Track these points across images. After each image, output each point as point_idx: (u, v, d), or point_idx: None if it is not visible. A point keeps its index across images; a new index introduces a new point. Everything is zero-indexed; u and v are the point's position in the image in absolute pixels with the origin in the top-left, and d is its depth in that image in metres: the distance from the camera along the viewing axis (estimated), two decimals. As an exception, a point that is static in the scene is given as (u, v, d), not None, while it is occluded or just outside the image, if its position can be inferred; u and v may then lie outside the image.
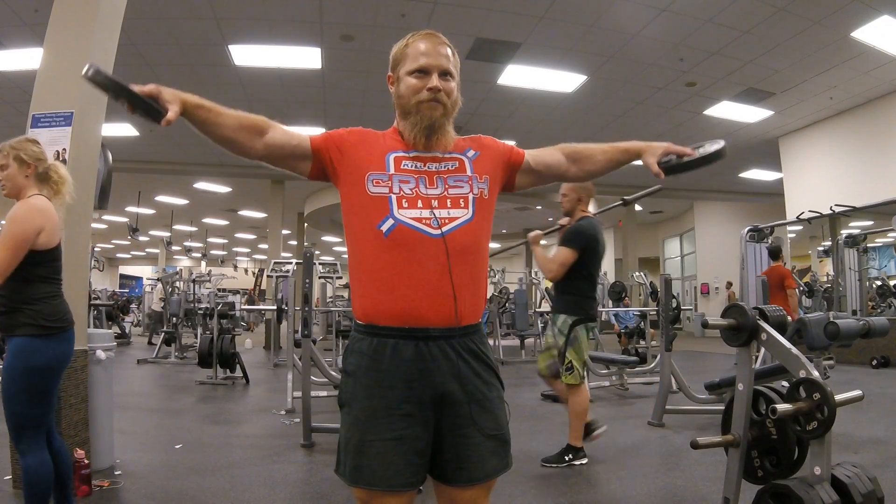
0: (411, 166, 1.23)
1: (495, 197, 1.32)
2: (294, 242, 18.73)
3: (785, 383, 2.06)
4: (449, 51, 1.26)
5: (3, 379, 1.99)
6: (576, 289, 3.26)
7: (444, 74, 1.24)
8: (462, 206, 1.22)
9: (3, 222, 2.18)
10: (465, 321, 1.20)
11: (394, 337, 1.17)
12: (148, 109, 1.10)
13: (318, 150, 1.27)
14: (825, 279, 10.66)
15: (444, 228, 1.18)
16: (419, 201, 1.19)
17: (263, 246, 21.90)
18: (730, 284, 14.18)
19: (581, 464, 3.18)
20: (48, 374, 2.05)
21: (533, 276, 12.53)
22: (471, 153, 1.30)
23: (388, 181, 1.20)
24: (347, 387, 1.22)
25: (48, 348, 2.05)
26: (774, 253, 6.63)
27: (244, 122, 1.24)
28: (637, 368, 6.19)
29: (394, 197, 1.19)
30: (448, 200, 1.21)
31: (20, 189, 2.18)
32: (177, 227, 19.30)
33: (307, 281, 3.89)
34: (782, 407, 1.67)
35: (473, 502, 1.21)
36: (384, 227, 1.17)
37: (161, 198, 15.45)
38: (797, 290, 6.37)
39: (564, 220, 3.45)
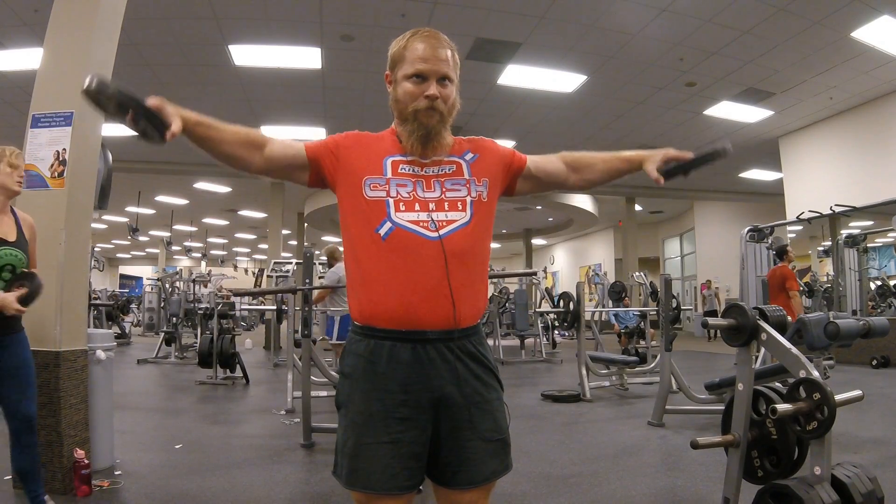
0: (408, 170, 1.22)
1: (496, 200, 1.31)
2: (294, 242, 18.73)
3: (779, 385, 2.06)
4: (448, 52, 1.24)
5: (30, 369, 2.26)
6: None
7: (443, 80, 1.22)
8: (460, 209, 1.21)
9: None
10: (464, 323, 1.19)
11: (391, 339, 1.17)
12: (153, 123, 1.09)
13: (314, 159, 1.27)
14: (825, 279, 10.66)
15: (442, 231, 1.17)
16: (416, 204, 1.19)
17: (263, 246, 21.91)
18: (709, 283, 13.86)
19: None
20: None
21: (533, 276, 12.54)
22: (469, 156, 1.29)
23: (385, 185, 1.20)
24: (344, 388, 1.22)
25: None
26: (781, 253, 6.62)
27: (243, 137, 1.24)
28: (637, 368, 6.19)
29: (391, 200, 1.18)
30: (445, 203, 1.21)
31: None
32: (177, 227, 19.31)
33: (307, 281, 3.89)
34: (782, 407, 1.68)
35: None
36: (382, 231, 1.17)
37: (161, 198, 15.46)
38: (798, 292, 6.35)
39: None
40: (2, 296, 2.12)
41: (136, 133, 1.11)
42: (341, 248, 5.41)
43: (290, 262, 10.50)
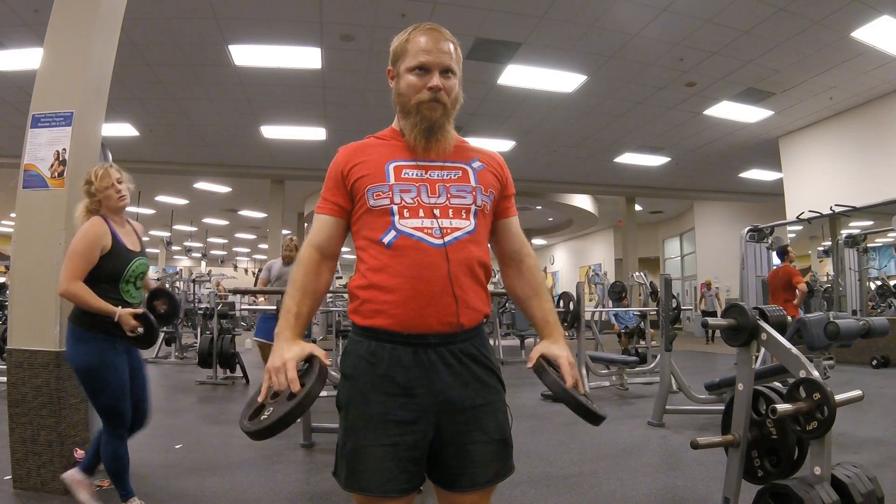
0: (413, 174, 1.20)
1: (492, 217, 1.29)
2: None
3: (779, 385, 2.06)
4: (451, 46, 1.23)
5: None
6: None
7: (446, 72, 1.21)
8: (464, 216, 1.20)
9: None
10: (467, 326, 1.19)
11: (392, 342, 1.16)
12: (320, 382, 1.12)
13: (339, 214, 1.25)
14: (825, 279, 10.66)
15: (447, 239, 1.16)
16: (421, 210, 1.17)
17: (263, 246, 21.91)
18: (709, 283, 13.60)
19: None
20: None
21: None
22: (476, 164, 1.27)
23: (388, 192, 1.18)
24: (345, 390, 1.21)
25: None
26: (782, 253, 6.63)
27: (311, 274, 1.24)
28: (637, 368, 6.19)
29: (395, 207, 1.17)
30: (450, 210, 1.19)
31: None
32: (177, 227, 19.31)
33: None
34: (782, 407, 1.68)
35: None
36: (386, 240, 1.16)
37: (161, 198, 15.45)
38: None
39: None
40: (124, 314, 2.24)
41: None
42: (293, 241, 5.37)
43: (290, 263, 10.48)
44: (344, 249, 1.31)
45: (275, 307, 5.19)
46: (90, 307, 2.22)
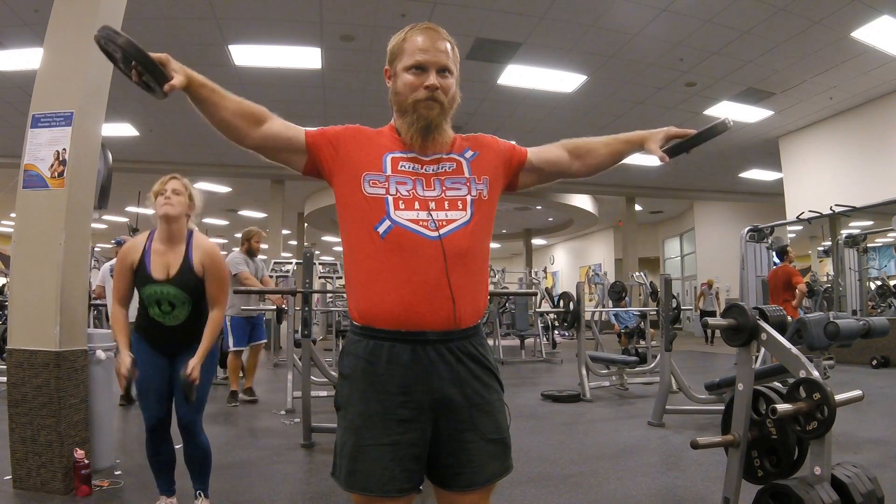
0: (408, 167, 1.21)
1: (497, 197, 1.30)
2: (294, 242, 18.73)
3: (779, 385, 2.06)
4: (448, 45, 1.23)
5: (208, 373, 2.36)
6: None
7: (442, 71, 1.21)
8: (460, 208, 1.20)
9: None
10: (464, 324, 1.18)
11: (390, 340, 1.15)
12: (155, 76, 1.11)
13: (311, 146, 1.25)
14: (825, 279, 10.66)
15: (442, 231, 1.16)
16: (416, 203, 1.17)
17: (264, 246, 21.88)
18: (710, 283, 13.44)
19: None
20: None
21: (533, 276, 12.54)
22: (469, 154, 1.28)
23: (384, 182, 1.18)
24: (343, 390, 1.21)
25: None
26: (782, 253, 6.63)
27: (245, 108, 1.22)
28: (637, 368, 6.19)
29: (390, 198, 1.17)
30: (445, 202, 1.19)
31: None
32: (177, 227, 19.26)
33: (307, 281, 3.89)
34: (782, 407, 1.68)
35: None
36: (381, 229, 1.15)
37: (161, 198, 15.44)
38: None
39: None
40: (121, 355, 2.20)
41: (138, 84, 1.12)
42: (256, 232, 5.39)
43: (290, 263, 10.50)
44: (342, 249, 1.30)
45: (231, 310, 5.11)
46: (114, 334, 2.33)
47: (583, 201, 14.74)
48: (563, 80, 7.74)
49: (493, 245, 18.08)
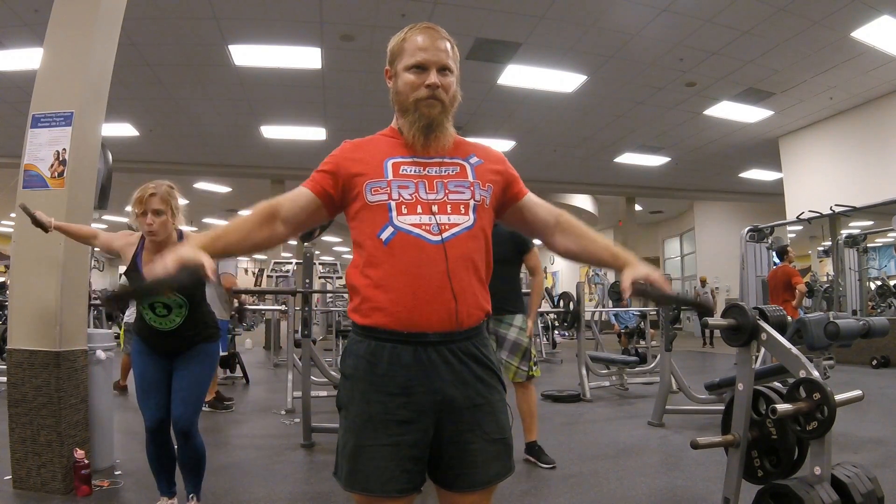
0: (411, 171, 1.20)
1: (493, 212, 1.28)
2: (294, 242, 18.70)
3: (779, 385, 2.06)
4: (448, 44, 1.23)
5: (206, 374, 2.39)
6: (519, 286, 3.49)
7: (443, 70, 1.21)
8: (463, 212, 1.19)
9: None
10: (466, 325, 1.18)
11: (391, 341, 1.15)
12: (190, 279, 1.09)
13: (321, 194, 1.23)
14: (825, 279, 10.66)
15: (445, 235, 1.16)
16: (419, 207, 1.17)
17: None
18: (704, 281, 13.10)
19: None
20: None
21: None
22: (474, 159, 1.27)
23: (386, 188, 1.18)
24: (345, 390, 1.21)
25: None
26: (782, 253, 6.63)
27: (254, 221, 1.21)
28: (637, 368, 6.19)
29: (393, 203, 1.17)
30: (448, 206, 1.18)
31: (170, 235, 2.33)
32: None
33: (307, 281, 3.89)
34: (782, 407, 1.68)
35: None
36: (384, 236, 1.15)
37: (161, 198, 15.44)
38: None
39: None
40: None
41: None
42: None
43: (290, 263, 10.50)
44: (343, 250, 1.29)
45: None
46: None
47: (583, 201, 14.75)
48: (563, 80, 7.74)
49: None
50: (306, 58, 6.98)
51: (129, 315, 5.66)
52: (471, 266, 1.19)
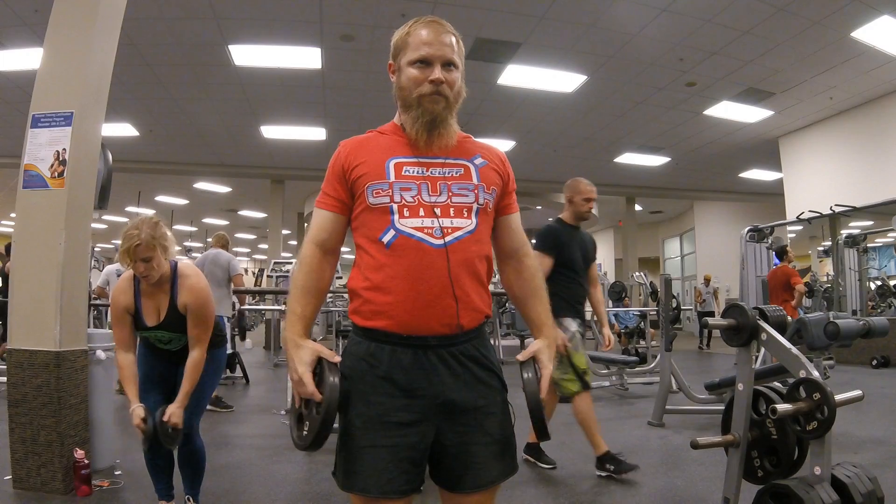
0: (414, 171, 1.18)
1: (494, 213, 1.28)
2: (294, 242, 18.73)
3: (779, 385, 2.06)
4: (452, 39, 1.21)
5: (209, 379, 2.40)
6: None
7: (448, 65, 1.19)
8: (465, 215, 1.18)
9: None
10: (467, 328, 1.18)
11: (391, 343, 1.15)
12: (333, 393, 1.12)
13: (340, 210, 1.23)
14: (825, 279, 10.66)
15: (447, 238, 1.14)
16: (421, 210, 1.15)
17: (263, 246, 21.90)
18: (708, 280, 12.65)
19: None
20: None
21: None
22: (479, 161, 1.24)
23: (388, 190, 1.16)
24: (344, 390, 1.21)
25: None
26: (781, 253, 6.63)
27: (315, 269, 1.23)
28: (637, 368, 6.19)
29: (395, 206, 1.15)
30: (451, 209, 1.17)
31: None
32: (177, 227, 19.30)
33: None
34: (782, 407, 1.68)
35: None
36: (385, 239, 1.14)
37: (161, 198, 15.46)
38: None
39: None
40: (134, 410, 2.18)
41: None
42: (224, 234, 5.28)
43: (290, 262, 10.50)
44: (344, 249, 1.30)
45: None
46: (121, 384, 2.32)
47: (583, 201, 14.73)
48: (563, 80, 7.74)
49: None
50: (306, 58, 6.98)
51: None
52: (473, 270, 1.18)
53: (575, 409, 3.05)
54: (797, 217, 8.43)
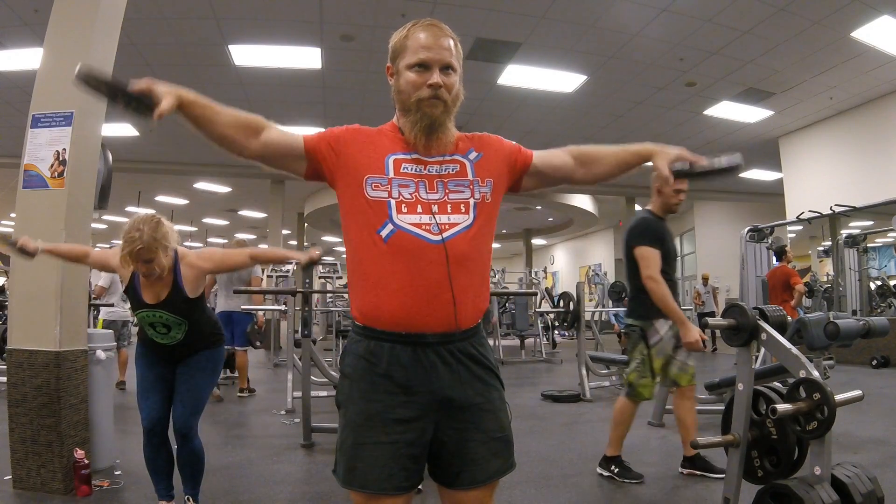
0: (411, 169, 1.19)
1: (500, 199, 1.28)
2: (294, 242, 18.73)
3: (779, 385, 2.06)
4: (451, 42, 1.21)
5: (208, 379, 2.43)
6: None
7: (446, 68, 1.19)
8: (463, 211, 1.18)
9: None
10: (465, 325, 1.18)
11: (390, 341, 1.16)
12: (140, 106, 1.08)
13: (311, 151, 1.22)
14: (825, 279, 10.65)
15: (445, 234, 1.15)
16: (419, 206, 1.16)
17: (264, 246, 21.91)
18: (706, 279, 12.36)
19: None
20: None
21: (533, 276, 12.54)
22: (473, 155, 1.25)
23: (387, 185, 1.17)
24: (344, 388, 1.21)
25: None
26: (780, 253, 6.64)
27: (241, 120, 1.21)
28: (637, 368, 6.18)
29: (393, 202, 1.16)
30: (448, 206, 1.18)
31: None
32: (177, 227, 19.03)
33: (307, 281, 3.89)
34: (782, 407, 1.68)
35: None
36: (383, 233, 1.14)
37: (161, 198, 15.45)
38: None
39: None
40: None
41: (128, 112, 1.09)
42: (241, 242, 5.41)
43: (290, 262, 10.48)
44: (343, 249, 1.30)
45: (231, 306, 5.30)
46: None
47: (583, 201, 14.74)
48: (563, 80, 7.74)
49: (494, 245, 18.08)
50: (306, 58, 6.98)
51: (109, 313, 5.68)
52: (471, 265, 1.18)
53: (618, 404, 3.03)
54: (797, 217, 8.43)
